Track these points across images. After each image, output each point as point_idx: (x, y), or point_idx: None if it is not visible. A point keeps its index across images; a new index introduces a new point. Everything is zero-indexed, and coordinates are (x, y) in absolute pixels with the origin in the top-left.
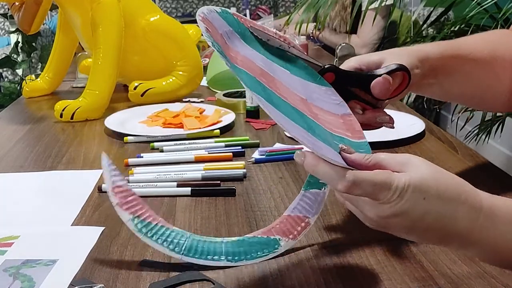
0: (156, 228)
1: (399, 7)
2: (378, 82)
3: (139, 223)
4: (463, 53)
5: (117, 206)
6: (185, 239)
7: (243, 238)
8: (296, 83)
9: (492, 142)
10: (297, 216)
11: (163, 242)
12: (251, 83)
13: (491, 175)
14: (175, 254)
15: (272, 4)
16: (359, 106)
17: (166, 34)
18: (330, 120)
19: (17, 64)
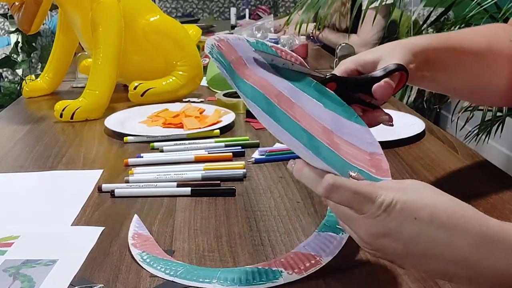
0: (159, 260)
1: (399, 7)
2: (380, 87)
3: (145, 255)
4: (458, 46)
5: (132, 246)
6: (183, 267)
7: (242, 267)
8: (325, 115)
9: (492, 142)
10: (308, 253)
11: (161, 268)
12: (252, 94)
13: (491, 175)
14: (169, 277)
15: (272, 4)
16: (358, 108)
17: (166, 34)
18: (353, 153)
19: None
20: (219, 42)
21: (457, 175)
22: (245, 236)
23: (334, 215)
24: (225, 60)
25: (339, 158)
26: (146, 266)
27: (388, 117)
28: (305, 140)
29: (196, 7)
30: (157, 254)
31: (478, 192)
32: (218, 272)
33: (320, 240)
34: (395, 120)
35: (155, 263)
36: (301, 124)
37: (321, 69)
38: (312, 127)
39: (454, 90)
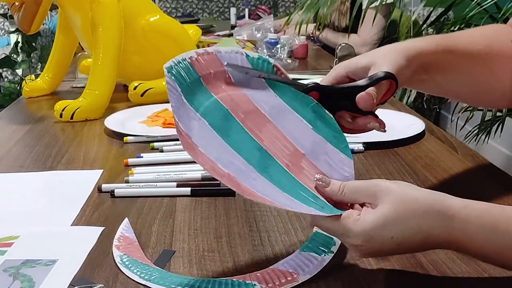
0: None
1: (399, 7)
2: (362, 98)
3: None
4: (457, 48)
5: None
6: (158, 273)
7: (217, 279)
8: (307, 137)
9: (492, 142)
10: (286, 270)
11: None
12: (208, 108)
13: (491, 175)
14: (143, 280)
15: (272, 4)
16: (347, 115)
17: (166, 34)
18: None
19: (17, 64)
20: (202, 55)
21: (457, 175)
22: (245, 236)
23: (318, 237)
24: (193, 75)
25: (293, 179)
26: (123, 268)
27: (380, 123)
28: (256, 157)
29: (196, 7)
30: (137, 258)
31: (478, 192)
32: (192, 280)
33: (300, 259)
34: (395, 120)
35: (132, 266)
36: (259, 142)
37: (321, 70)
38: (275, 147)
39: (453, 92)
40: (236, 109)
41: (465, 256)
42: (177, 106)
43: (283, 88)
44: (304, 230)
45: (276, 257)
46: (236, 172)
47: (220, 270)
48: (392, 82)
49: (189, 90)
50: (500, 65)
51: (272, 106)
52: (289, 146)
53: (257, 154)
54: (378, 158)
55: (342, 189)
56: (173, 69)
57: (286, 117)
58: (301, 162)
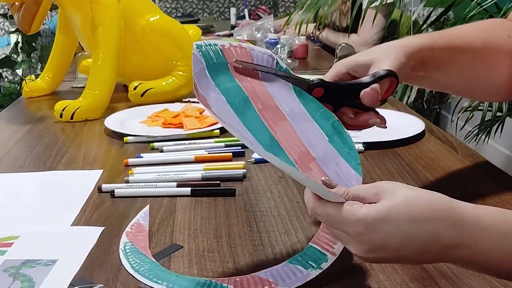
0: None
1: (399, 7)
2: (367, 94)
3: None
4: (454, 45)
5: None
6: (149, 265)
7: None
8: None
9: (492, 142)
10: (265, 278)
11: (131, 261)
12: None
13: (491, 175)
14: (132, 270)
15: (272, 4)
16: (350, 111)
17: (166, 34)
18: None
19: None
20: (234, 47)
21: (457, 175)
22: (245, 236)
23: (311, 251)
24: (221, 59)
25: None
26: (122, 255)
27: (380, 119)
28: (266, 142)
29: (196, 7)
30: (140, 247)
31: (478, 192)
32: (173, 276)
33: (284, 270)
34: (395, 120)
35: (130, 255)
36: (273, 133)
37: (321, 70)
38: (287, 142)
39: (450, 87)
40: (256, 99)
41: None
42: (198, 75)
43: (307, 98)
44: (304, 230)
45: (276, 257)
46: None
47: (220, 270)
48: (393, 79)
49: (213, 68)
50: (497, 60)
51: (292, 109)
52: (301, 147)
53: (268, 140)
54: (378, 158)
55: (346, 193)
56: (203, 47)
57: (304, 122)
58: (310, 163)
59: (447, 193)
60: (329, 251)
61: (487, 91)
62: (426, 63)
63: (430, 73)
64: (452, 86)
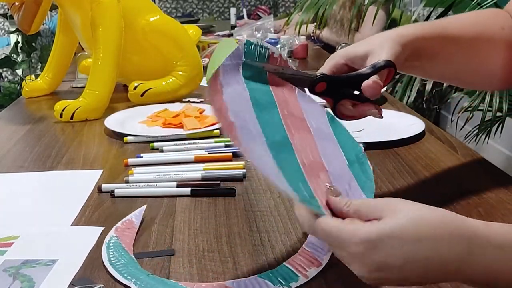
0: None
1: (399, 7)
2: (369, 86)
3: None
4: (447, 35)
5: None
6: (125, 260)
7: (165, 279)
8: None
9: (492, 142)
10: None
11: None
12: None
13: (491, 175)
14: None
15: (272, 4)
16: (349, 103)
17: (166, 34)
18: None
19: (17, 64)
20: (281, 58)
21: (457, 175)
22: (245, 236)
23: (283, 270)
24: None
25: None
26: (104, 247)
27: (377, 110)
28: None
29: (196, 7)
30: (124, 243)
31: (478, 192)
32: (144, 275)
33: (252, 282)
34: (395, 120)
35: (112, 249)
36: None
37: None
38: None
39: (443, 77)
40: (283, 106)
41: None
42: (228, 67)
43: (338, 125)
44: (303, 230)
45: (276, 257)
46: (241, 127)
47: (220, 270)
48: (391, 69)
49: (251, 68)
50: (490, 51)
51: (319, 127)
52: (317, 157)
53: (279, 138)
54: (378, 158)
55: (348, 204)
56: (252, 46)
57: (328, 141)
58: (320, 172)
59: (447, 193)
60: (301, 273)
61: (480, 81)
62: (419, 53)
63: (423, 62)
64: (444, 76)
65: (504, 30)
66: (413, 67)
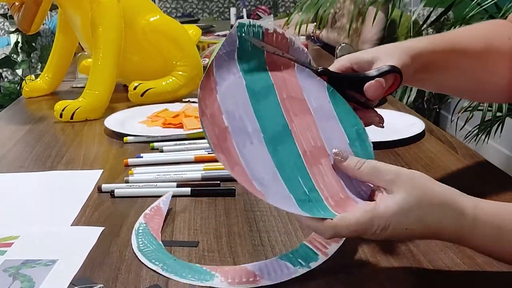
0: (146, 234)
1: (399, 7)
2: (372, 86)
3: (142, 226)
4: (456, 48)
5: (143, 215)
6: (155, 246)
7: (194, 265)
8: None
9: (492, 142)
10: (252, 271)
11: (139, 241)
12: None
13: (490, 175)
14: (137, 250)
15: (272, 4)
16: (351, 106)
17: (165, 34)
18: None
19: (17, 64)
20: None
21: (456, 175)
22: (245, 236)
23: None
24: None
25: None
26: (133, 234)
27: (379, 118)
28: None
29: (196, 7)
30: (153, 230)
31: (478, 192)
32: (171, 260)
33: (272, 264)
34: (395, 120)
35: (141, 236)
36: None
37: None
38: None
39: (451, 89)
40: (282, 88)
41: (466, 256)
42: (221, 58)
43: (339, 100)
44: (304, 230)
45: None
46: (236, 129)
47: None
48: (397, 76)
49: (246, 52)
50: (498, 63)
51: (320, 105)
52: (318, 142)
53: (278, 128)
54: (378, 158)
55: (359, 165)
56: (244, 27)
57: (328, 120)
58: (322, 158)
59: None
60: (321, 251)
61: (489, 93)
62: (428, 66)
63: (431, 75)
64: (453, 89)
65: (511, 40)
66: (422, 80)
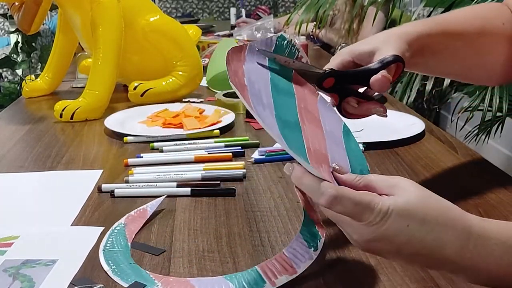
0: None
1: (399, 7)
2: (378, 80)
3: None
4: (451, 30)
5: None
6: (121, 247)
7: (144, 273)
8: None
9: (492, 142)
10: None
11: (108, 240)
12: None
13: (490, 175)
14: (101, 248)
15: (272, 4)
16: (354, 100)
17: (165, 34)
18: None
19: (17, 64)
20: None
21: (456, 175)
22: (245, 237)
23: (255, 272)
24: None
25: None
26: (107, 234)
27: (382, 108)
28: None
29: (196, 7)
30: (127, 231)
31: (478, 193)
32: (126, 264)
33: (218, 283)
34: (395, 120)
35: (112, 236)
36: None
37: None
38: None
39: (445, 73)
40: (301, 100)
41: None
42: (255, 48)
43: (352, 141)
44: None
45: None
46: (253, 93)
47: (220, 270)
48: (399, 64)
49: (277, 64)
50: (491, 47)
51: (332, 132)
52: (323, 150)
53: (290, 119)
54: (378, 158)
55: (358, 179)
56: (284, 41)
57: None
58: (323, 163)
59: (447, 193)
60: (270, 280)
61: (482, 76)
62: (423, 50)
63: (426, 59)
64: (447, 72)
65: (505, 25)
66: (417, 64)
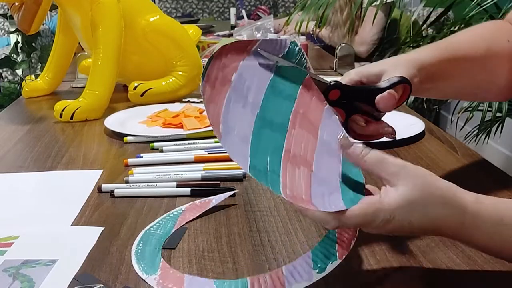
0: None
1: (399, 7)
2: (384, 98)
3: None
4: (459, 55)
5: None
6: (165, 231)
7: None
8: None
9: (492, 143)
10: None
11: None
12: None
13: (490, 175)
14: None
15: (272, 4)
16: (361, 119)
17: (165, 34)
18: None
19: (16, 64)
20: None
21: (456, 175)
22: (245, 236)
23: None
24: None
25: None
26: (161, 216)
27: (391, 129)
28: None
29: (196, 7)
30: (181, 217)
31: (478, 192)
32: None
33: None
34: (395, 120)
35: (165, 219)
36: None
37: (321, 70)
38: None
39: (454, 95)
40: (301, 106)
41: (465, 256)
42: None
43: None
44: (304, 230)
45: (276, 257)
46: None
47: (220, 270)
48: (406, 86)
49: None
50: (498, 65)
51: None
52: (306, 156)
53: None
54: None
55: (365, 153)
56: (297, 48)
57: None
58: (301, 166)
59: None
60: None
61: (489, 94)
62: (433, 76)
63: (436, 85)
64: (455, 94)
65: (510, 41)
66: (427, 90)
